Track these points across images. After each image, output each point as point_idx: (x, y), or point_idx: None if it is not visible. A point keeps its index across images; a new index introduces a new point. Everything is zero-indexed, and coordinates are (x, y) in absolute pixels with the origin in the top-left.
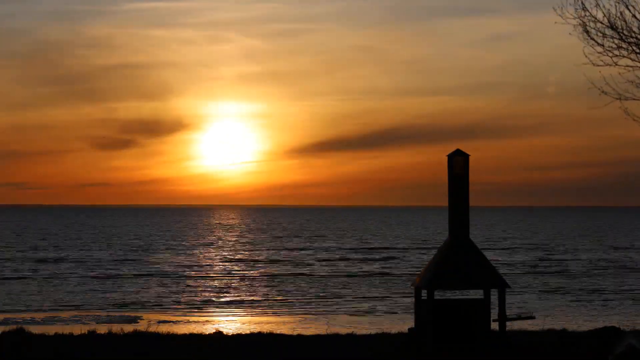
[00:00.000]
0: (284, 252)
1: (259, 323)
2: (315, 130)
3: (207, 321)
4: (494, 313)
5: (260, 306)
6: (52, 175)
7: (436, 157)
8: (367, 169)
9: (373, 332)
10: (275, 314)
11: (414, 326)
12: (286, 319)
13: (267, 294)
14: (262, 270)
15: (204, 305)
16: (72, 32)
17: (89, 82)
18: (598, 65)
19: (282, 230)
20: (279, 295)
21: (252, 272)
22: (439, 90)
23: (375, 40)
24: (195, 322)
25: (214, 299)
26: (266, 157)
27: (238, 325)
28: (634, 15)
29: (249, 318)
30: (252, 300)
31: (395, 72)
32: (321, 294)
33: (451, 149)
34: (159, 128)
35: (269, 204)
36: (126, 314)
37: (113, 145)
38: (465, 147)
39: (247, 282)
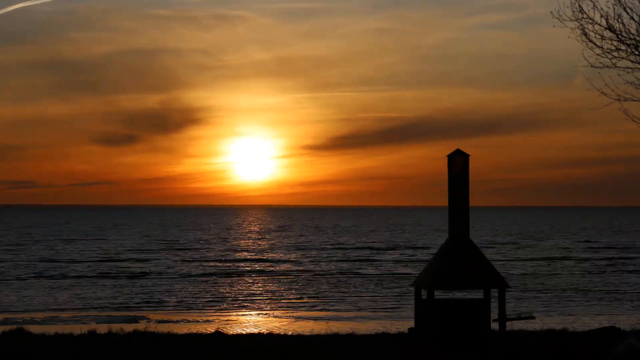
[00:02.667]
0: (285, 251)
1: (259, 323)
2: (332, 124)
3: (207, 321)
4: (495, 313)
5: (261, 306)
6: (52, 173)
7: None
8: (387, 166)
9: (373, 332)
10: (275, 314)
11: (414, 326)
12: (286, 319)
13: (268, 294)
14: (263, 270)
15: (204, 305)
16: (64, 12)
17: (86, 70)
18: (597, 67)
19: (287, 229)
20: (279, 295)
21: (252, 272)
22: (465, 79)
23: (398, 22)
24: (195, 322)
25: (214, 299)
26: (280, 154)
27: (238, 325)
28: (631, 17)
29: (249, 318)
30: (253, 300)
31: (419, 59)
32: (321, 294)
33: (477, 144)
34: (166, 122)
35: (282, 204)
36: (126, 314)
37: (117, 141)
38: (491, 142)
39: (247, 282)
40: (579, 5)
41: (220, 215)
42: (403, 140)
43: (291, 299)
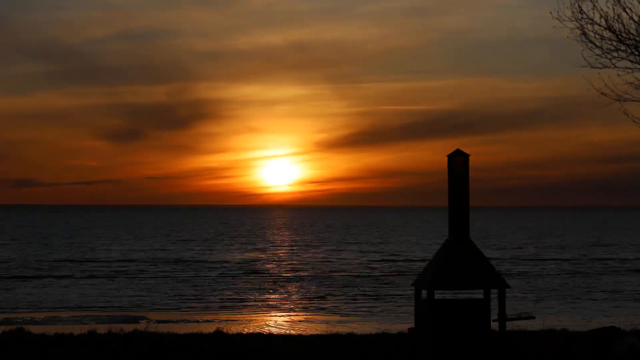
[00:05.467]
0: (285, 252)
1: (259, 323)
2: (351, 118)
3: (207, 321)
4: (495, 313)
5: (261, 306)
6: (53, 171)
7: (489, 149)
8: (410, 162)
9: (373, 332)
10: (276, 314)
11: (414, 326)
12: (286, 319)
13: (268, 294)
14: (263, 270)
15: (204, 305)
16: None
17: (83, 57)
18: (596, 68)
19: (289, 229)
20: (279, 295)
21: (253, 272)
22: (497, 68)
23: (428, 1)
24: (195, 322)
25: (214, 299)
26: (294, 151)
27: (238, 325)
28: (631, 18)
29: (249, 318)
30: (253, 300)
31: (446, 43)
32: (321, 294)
33: (505, 139)
34: (173, 117)
35: (297, 204)
36: (126, 314)
37: (121, 137)
38: (524, 137)
39: (247, 282)
40: (579, 6)
41: (225, 215)
42: (428, 135)
43: (291, 299)
